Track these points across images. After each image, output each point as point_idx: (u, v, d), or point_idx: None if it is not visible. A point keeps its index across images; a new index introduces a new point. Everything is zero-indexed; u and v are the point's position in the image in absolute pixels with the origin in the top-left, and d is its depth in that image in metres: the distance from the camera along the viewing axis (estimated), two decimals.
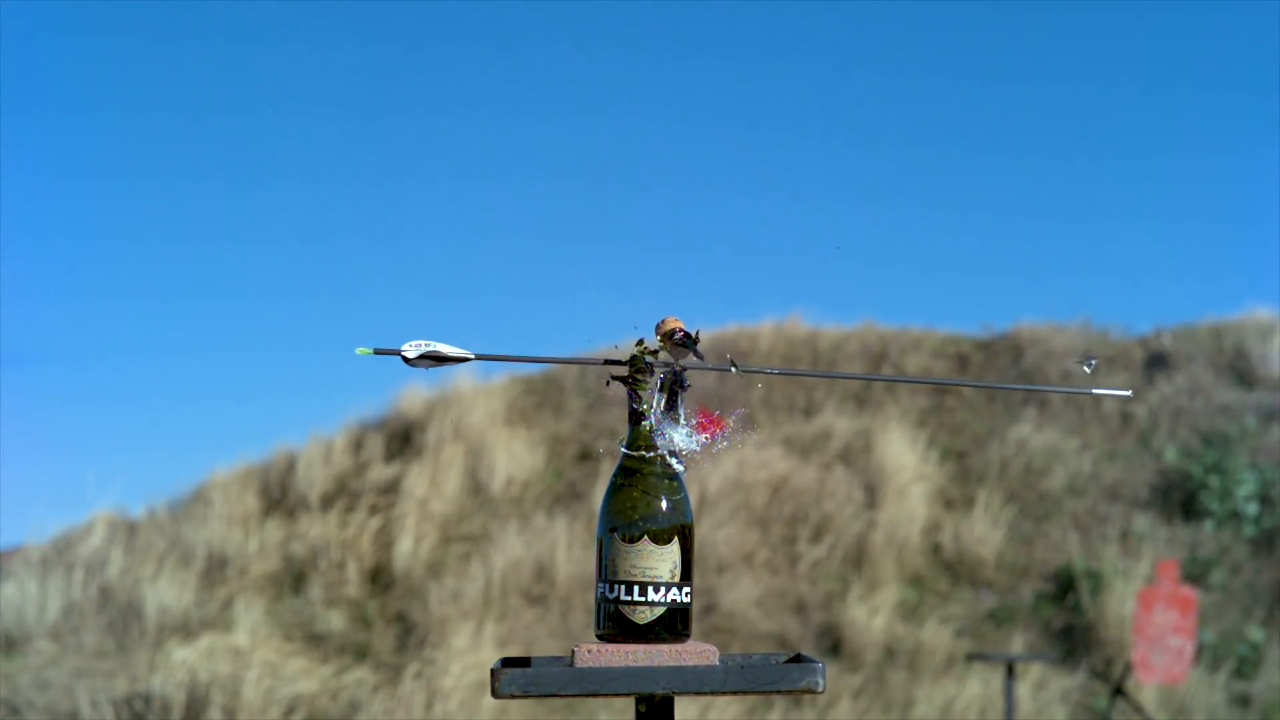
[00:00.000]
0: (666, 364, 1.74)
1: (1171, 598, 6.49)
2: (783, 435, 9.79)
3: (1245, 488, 9.14)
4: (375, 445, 10.01)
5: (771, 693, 1.62)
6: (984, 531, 9.04)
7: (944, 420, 10.21)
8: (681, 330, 1.74)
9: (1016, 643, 8.33)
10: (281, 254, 13.04)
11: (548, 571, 8.68)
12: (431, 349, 1.73)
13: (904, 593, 8.75)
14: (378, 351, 1.72)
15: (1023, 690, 7.73)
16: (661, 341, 1.75)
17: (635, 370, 1.75)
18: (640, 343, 1.76)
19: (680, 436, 1.72)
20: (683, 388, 1.75)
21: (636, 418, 1.75)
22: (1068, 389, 1.97)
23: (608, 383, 1.77)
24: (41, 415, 11.80)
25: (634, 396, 1.75)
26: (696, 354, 1.74)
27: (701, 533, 8.67)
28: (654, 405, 1.73)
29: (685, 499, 1.74)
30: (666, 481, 1.73)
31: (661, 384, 1.74)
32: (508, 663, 1.74)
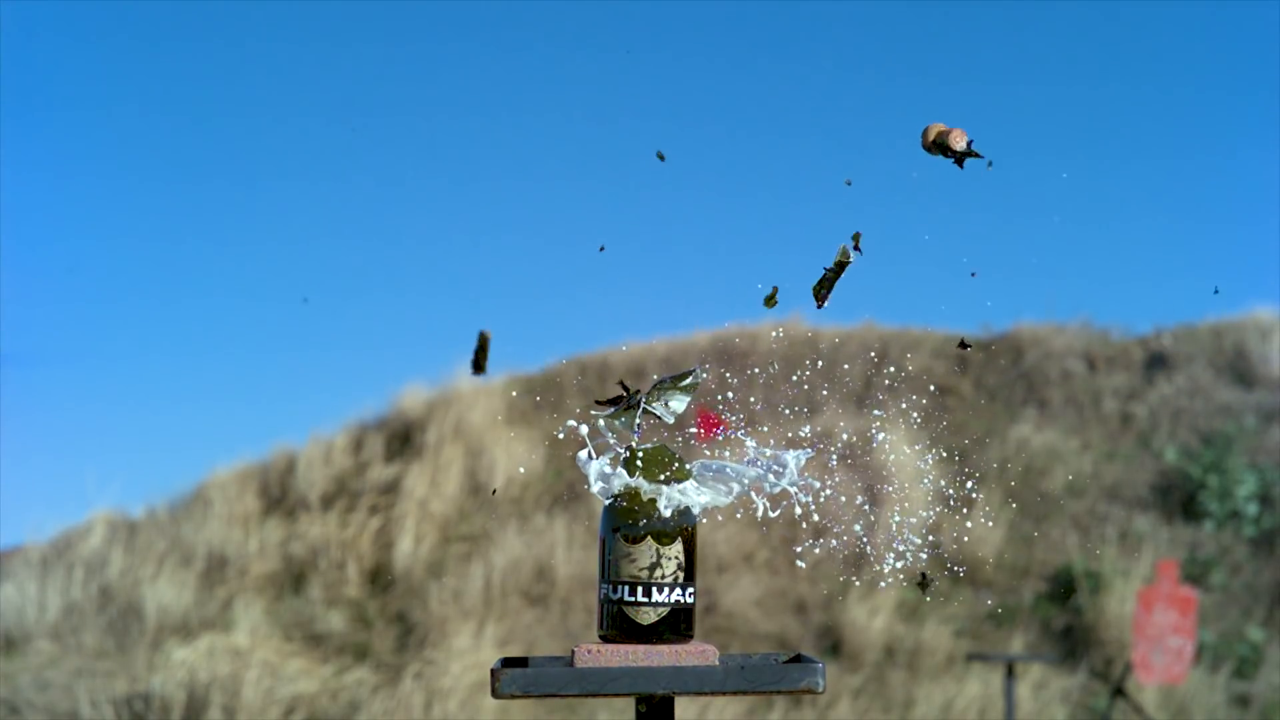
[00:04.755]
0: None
1: (1171, 598, 6.49)
2: (783, 435, 9.79)
3: (1245, 488, 9.14)
4: (375, 445, 10.01)
5: (771, 693, 1.62)
6: (984, 531, 9.04)
7: (944, 420, 10.21)
8: (944, 134, 1.67)
9: (1016, 643, 8.32)
10: (281, 254, 13.03)
11: (548, 571, 8.68)
12: None
13: (904, 593, 8.74)
14: None
15: (1023, 690, 7.73)
16: (933, 148, 1.69)
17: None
18: (774, 291, 1.75)
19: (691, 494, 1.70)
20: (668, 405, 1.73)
21: (630, 407, 1.74)
22: None
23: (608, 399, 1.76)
24: (41, 415, 11.80)
25: (627, 389, 1.75)
26: (975, 154, 1.66)
27: (702, 533, 8.66)
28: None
29: None
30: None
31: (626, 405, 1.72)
32: (508, 663, 1.74)
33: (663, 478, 1.69)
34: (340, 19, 13.43)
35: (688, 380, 1.74)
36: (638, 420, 1.72)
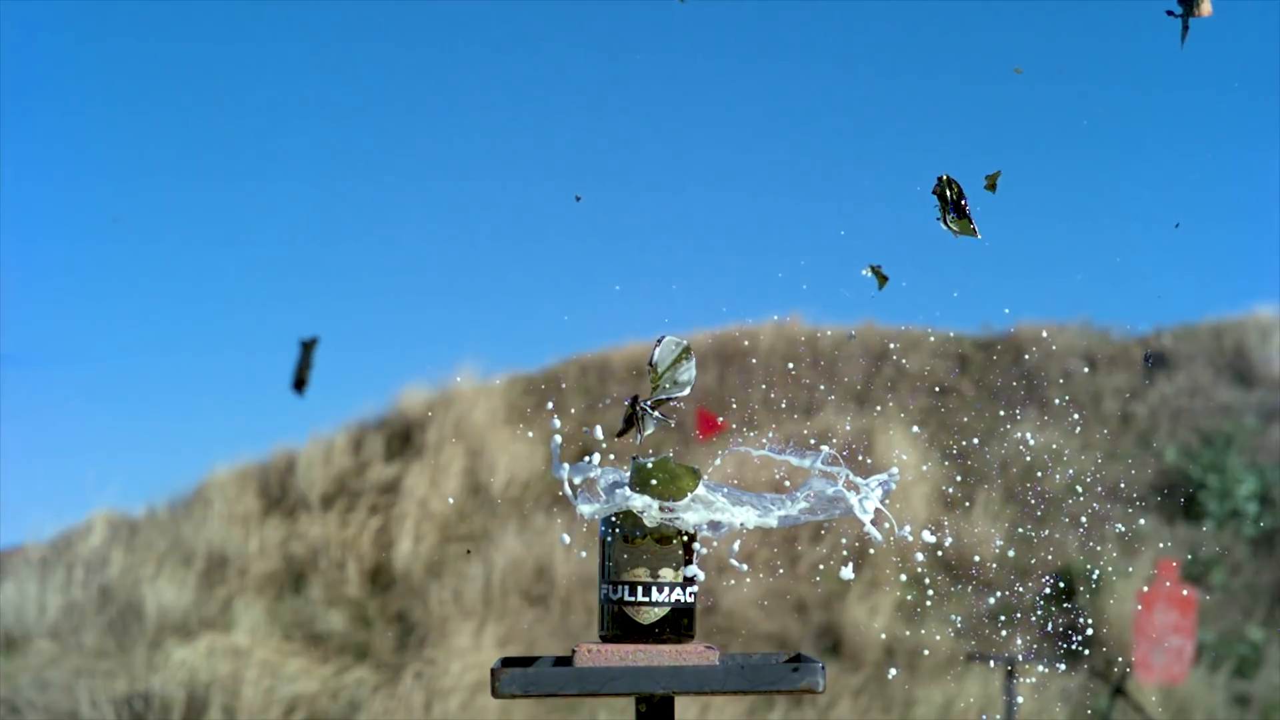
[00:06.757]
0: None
1: (1171, 598, 6.49)
2: (783, 435, 9.79)
3: (1245, 488, 9.13)
4: (375, 445, 10.01)
5: (772, 693, 1.62)
6: (984, 531, 9.03)
7: (944, 420, 10.20)
8: None
9: (1016, 643, 8.32)
10: (281, 254, 13.03)
11: (548, 571, 8.68)
12: None
13: (904, 593, 8.74)
14: None
15: (1023, 690, 7.73)
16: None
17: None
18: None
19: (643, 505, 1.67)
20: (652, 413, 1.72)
21: (641, 415, 1.74)
22: None
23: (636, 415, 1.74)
24: (41, 415, 11.80)
25: (629, 403, 1.75)
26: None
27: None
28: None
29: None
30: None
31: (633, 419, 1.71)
32: (508, 663, 1.74)
33: (676, 497, 1.66)
34: (341, 19, 13.43)
35: (668, 349, 1.71)
36: (656, 418, 1.71)
